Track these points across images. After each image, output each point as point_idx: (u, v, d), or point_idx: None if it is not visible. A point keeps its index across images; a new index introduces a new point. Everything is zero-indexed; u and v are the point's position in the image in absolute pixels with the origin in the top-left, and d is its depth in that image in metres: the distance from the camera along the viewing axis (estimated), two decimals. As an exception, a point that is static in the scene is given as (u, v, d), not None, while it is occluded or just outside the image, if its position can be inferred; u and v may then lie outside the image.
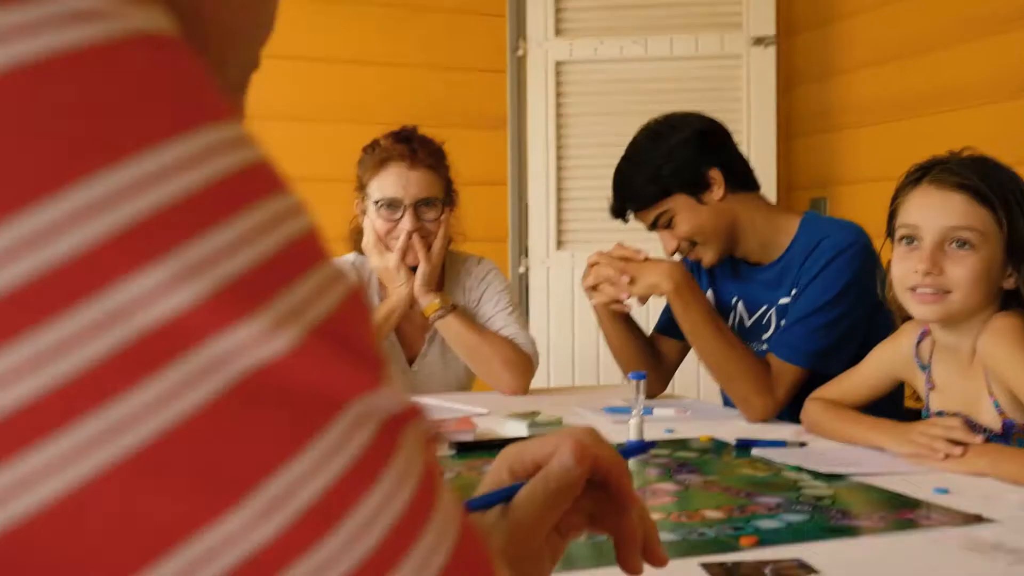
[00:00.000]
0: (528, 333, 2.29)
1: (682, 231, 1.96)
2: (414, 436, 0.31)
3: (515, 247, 3.78)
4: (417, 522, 0.29)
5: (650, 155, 1.97)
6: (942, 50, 3.28)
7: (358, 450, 0.28)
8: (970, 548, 1.03)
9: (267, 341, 0.27)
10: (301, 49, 3.59)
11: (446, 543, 0.30)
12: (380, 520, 0.28)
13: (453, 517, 0.32)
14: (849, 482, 1.34)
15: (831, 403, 1.67)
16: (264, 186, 0.29)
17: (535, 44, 3.71)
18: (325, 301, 0.29)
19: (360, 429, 0.28)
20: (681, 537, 1.08)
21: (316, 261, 0.30)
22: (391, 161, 2.17)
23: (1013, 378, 1.35)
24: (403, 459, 0.30)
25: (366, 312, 0.32)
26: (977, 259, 1.38)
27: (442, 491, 0.32)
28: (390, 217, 2.18)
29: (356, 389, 0.29)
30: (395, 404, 0.30)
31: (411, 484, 0.30)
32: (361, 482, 0.28)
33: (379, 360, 0.31)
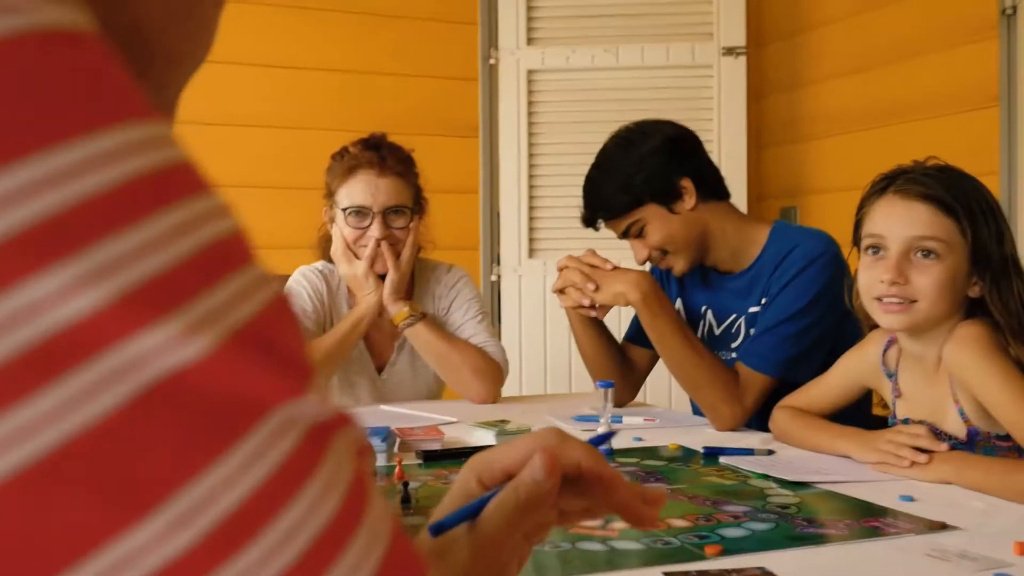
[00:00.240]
0: (498, 341, 2.29)
1: (654, 240, 1.96)
2: (343, 444, 0.30)
3: (487, 255, 3.78)
4: (344, 532, 0.29)
5: (621, 164, 1.96)
6: (910, 61, 3.31)
7: (281, 458, 0.27)
8: (935, 556, 1.03)
9: (180, 346, 0.26)
10: (272, 57, 3.57)
11: (375, 553, 0.30)
12: (304, 531, 0.27)
13: (383, 527, 0.31)
14: (815, 490, 1.34)
15: (799, 411, 1.68)
16: (182, 187, 0.28)
17: (507, 53, 3.71)
18: (247, 306, 0.28)
19: (283, 437, 0.28)
20: (646, 546, 1.08)
21: (238, 265, 0.29)
22: (360, 168, 2.16)
23: (978, 386, 1.36)
24: (330, 468, 0.29)
25: (293, 318, 0.31)
26: (942, 268, 1.39)
27: (373, 500, 0.31)
28: (358, 225, 2.17)
29: (279, 396, 0.28)
30: (322, 412, 0.30)
31: (338, 493, 0.29)
32: (284, 492, 0.27)
33: (305, 367, 0.30)
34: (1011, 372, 1.33)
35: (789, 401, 1.72)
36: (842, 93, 3.62)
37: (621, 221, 1.97)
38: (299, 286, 2.24)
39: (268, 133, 3.57)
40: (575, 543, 1.08)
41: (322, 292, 2.25)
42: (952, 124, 3.16)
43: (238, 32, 3.53)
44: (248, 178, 3.51)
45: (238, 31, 3.53)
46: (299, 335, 0.31)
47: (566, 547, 1.07)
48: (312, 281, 2.25)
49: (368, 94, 3.67)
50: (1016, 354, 1.35)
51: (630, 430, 1.84)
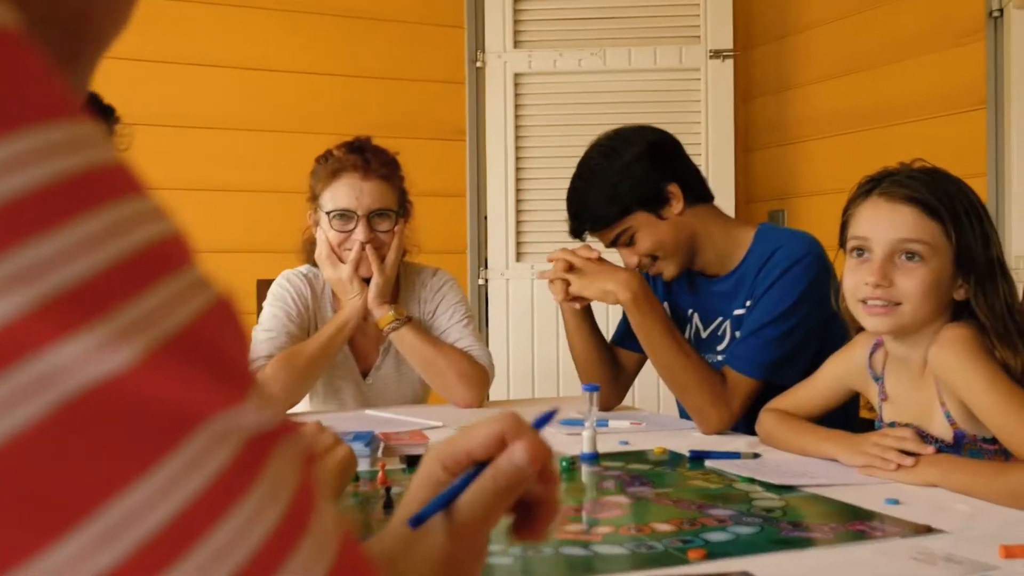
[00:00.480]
0: (484, 345, 2.27)
1: (643, 248, 1.95)
2: (286, 454, 0.29)
3: (474, 259, 3.77)
4: (287, 544, 0.28)
5: (605, 173, 1.95)
6: (898, 63, 3.32)
7: (217, 470, 0.26)
8: (920, 559, 1.02)
9: (104, 356, 0.25)
10: (258, 61, 3.56)
11: (322, 563, 0.29)
12: (243, 543, 0.26)
13: (331, 537, 0.30)
14: (801, 493, 1.34)
15: (785, 414, 1.67)
16: (110, 189, 0.27)
17: (494, 56, 3.71)
18: (181, 312, 0.27)
19: (219, 448, 0.27)
20: (630, 551, 1.06)
21: (172, 269, 0.28)
22: (344, 172, 2.15)
23: (963, 388, 1.35)
24: (271, 478, 0.28)
25: (235, 324, 0.30)
26: (927, 271, 1.39)
27: (319, 510, 0.30)
28: (343, 228, 2.15)
29: (215, 405, 0.27)
30: (262, 421, 0.29)
31: (280, 504, 0.28)
32: (220, 504, 0.26)
33: (245, 374, 0.29)
34: (996, 374, 1.32)
35: (775, 404, 1.71)
36: (830, 96, 3.62)
37: (609, 231, 1.96)
38: (283, 290, 2.22)
39: (255, 137, 3.56)
40: (558, 548, 1.07)
41: (306, 296, 2.23)
42: (940, 126, 3.16)
43: (223, 36, 3.52)
44: (234, 182, 3.50)
45: (223, 35, 3.52)
46: (241, 342, 0.30)
47: (549, 552, 1.06)
48: (296, 285, 2.24)
49: (355, 98, 3.66)
50: (1002, 356, 1.35)
51: (616, 433, 1.83)
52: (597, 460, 1.57)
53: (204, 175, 3.48)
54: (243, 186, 3.52)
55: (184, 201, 3.43)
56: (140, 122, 3.40)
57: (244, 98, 3.54)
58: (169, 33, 3.44)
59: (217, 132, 3.50)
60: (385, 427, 1.82)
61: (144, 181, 0.29)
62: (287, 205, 2.33)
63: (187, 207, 3.42)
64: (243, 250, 3.45)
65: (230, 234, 3.48)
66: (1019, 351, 1.35)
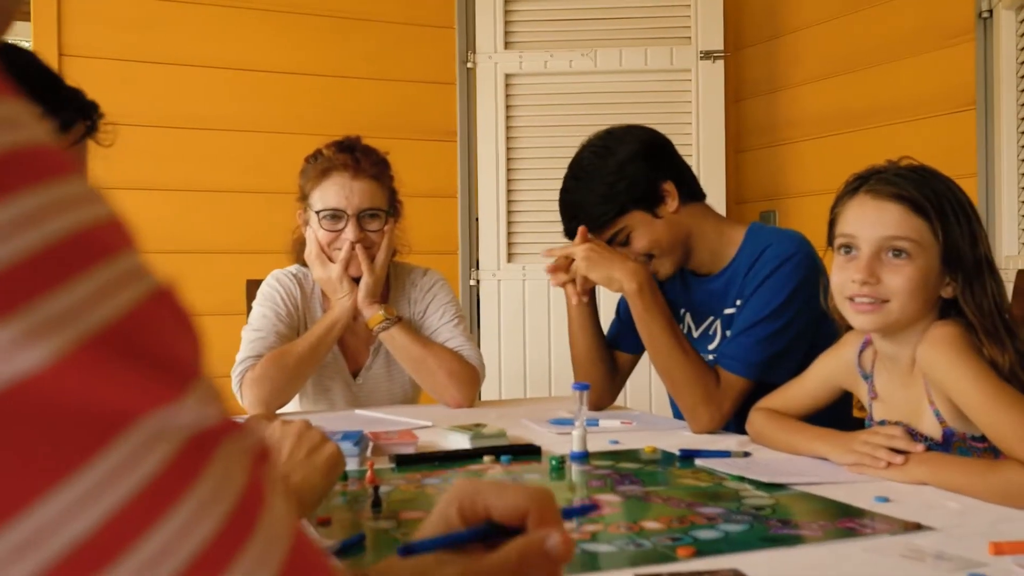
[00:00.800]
0: (474, 345, 2.26)
1: (640, 246, 1.94)
2: (233, 451, 0.28)
3: (465, 260, 3.76)
4: (234, 543, 0.27)
5: (600, 173, 1.93)
6: (888, 64, 3.32)
7: (152, 472, 0.25)
8: (909, 556, 1.02)
9: (16, 355, 0.23)
10: (248, 61, 3.55)
11: (273, 559, 0.28)
12: (185, 544, 0.26)
13: (282, 533, 0.29)
14: (791, 491, 1.33)
15: (775, 413, 1.67)
16: (26, 174, 0.25)
17: (484, 56, 3.70)
18: (111, 304, 0.26)
19: (155, 448, 0.26)
20: (618, 548, 1.06)
21: (102, 258, 0.26)
22: (334, 171, 2.14)
23: (952, 386, 1.35)
24: (214, 478, 0.27)
25: (175, 315, 0.28)
26: (913, 268, 1.39)
27: (269, 507, 0.29)
28: (333, 228, 2.15)
29: (148, 404, 0.26)
30: (204, 418, 0.27)
31: (226, 503, 0.27)
32: (156, 507, 0.25)
33: (185, 370, 0.28)
34: (985, 372, 1.32)
35: (766, 403, 1.71)
36: (820, 97, 3.62)
37: (605, 231, 1.95)
38: (272, 290, 2.22)
39: (245, 137, 3.55)
40: (546, 546, 1.07)
41: (296, 296, 2.23)
42: (930, 127, 3.17)
43: (214, 36, 3.51)
44: (224, 183, 3.49)
45: (213, 35, 3.51)
46: (182, 334, 0.28)
47: None
48: (285, 285, 2.23)
49: (346, 98, 3.66)
50: (989, 354, 1.35)
51: (606, 433, 1.83)
52: (587, 459, 1.57)
53: (195, 176, 3.47)
54: (233, 187, 3.52)
55: (174, 202, 3.42)
56: (130, 122, 3.39)
57: (234, 99, 3.53)
58: (159, 33, 3.44)
59: (208, 133, 3.49)
60: (374, 427, 1.82)
61: (71, 163, 0.27)
62: (277, 206, 2.32)
63: (177, 208, 3.42)
64: (233, 251, 3.44)
65: (220, 235, 3.47)
66: (1007, 348, 1.35)
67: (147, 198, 3.39)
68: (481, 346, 3.68)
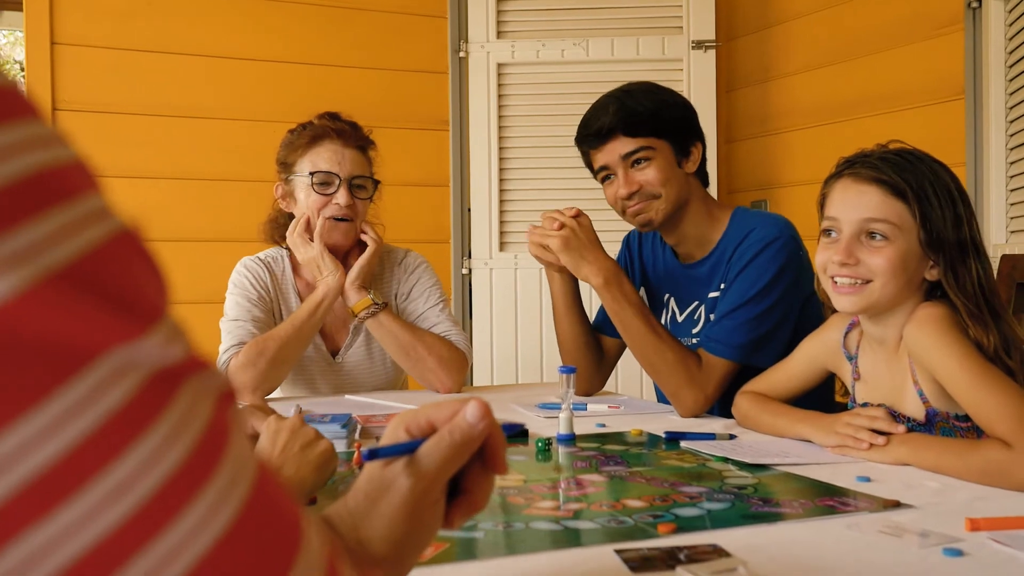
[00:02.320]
0: (460, 329, 2.27)
1: (652, 177, 1.93)
2: (197, 388, 0.29)
3: (458, 248, 3.77)
4: (198, 476, 0.28)
5: (657, 95, 1.97)
6: (878, 54, 3.33)
7: (115, 405, 0.26)
8: (887, 533, 1.04)
9: None
10: (241, 49, 3.55)
11: (237, 493, 0.29)
12: (145, 479, 0.26)
13: (246, 468, 0.30)
14: (774, 472, 1.35)
15: (760, 396, 1.68)
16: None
17: (477, 46, 3.71)
18: (75, 242, 0.26)
19: (118, 383, 0.26)
20: (600, 525, 1.07)
21: (67, 197, 0.27)
22: (326, 138, 2.16)
23: (937, 366, 1.37)
24: (177, 414, 0.28)
25: (140, 255, 0.29)
26: (892, 250, 1.40)
27: (233, 443, 0.30)
28: (324, 191, 2.16)
29: (112, 340, 0.26)
30: (169, 355, 0.28)
31: (188, 438, 0.28)
32: (118, 440, 0.26)
33: (150, 308, 0.28)
34: (970, 352, 1.34)
35: (751, 386, 1.72)
36: (811, 86, 3.63)
37: (636, 140, 1.93)
38: (241, 277, 2.22)
39: (237, 126, 3.55)
40: (528, 523, 1.08)
41: (266, 280, 2.23)
42: (919, 116, 3.18)
43: (206, 25, 3.51)
44: (215, 171, 3.49)
45: (206, 24, 3.51)
46: (149, 274, 0.29)
47: (520, 527, 1.07)
48: (253, 270, 2.23)
49: (339, 88, 3.66)
50: (975, 336, 1.36)
51: (594, 417, 1.84)
52: (574, 441, 1.58)
53: (185, 164, 3.47)
54: (224, 175, 3.52)
55: (164, 190, 3.43)
56: (121, 111, 3.39)
57: (226, 87, 3.53)
58: (150, 22, 3.44)
59: (199, 121, 3.50)
60: (363, 411, 1.83)
61: (36, 104, 0.27)
62: (267, 194, 2.33)
63: (167, 196, 3.42)
64: (223, 239, 3.44)
65: (211, 223, 3.48)
66: (991, 330, 1.36)
67: (138, 186, 3.40)
68: (473, 334, 3.69)
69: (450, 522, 0.73)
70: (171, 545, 0.27)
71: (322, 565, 0.34)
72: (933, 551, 0.96)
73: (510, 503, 1.19)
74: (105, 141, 3.37)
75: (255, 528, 0.29)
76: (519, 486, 1.28)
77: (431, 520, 0.71)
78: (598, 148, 1.96)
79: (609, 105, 1.95)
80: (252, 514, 0.29)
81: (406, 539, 0.69)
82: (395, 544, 0.69)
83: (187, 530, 0.27)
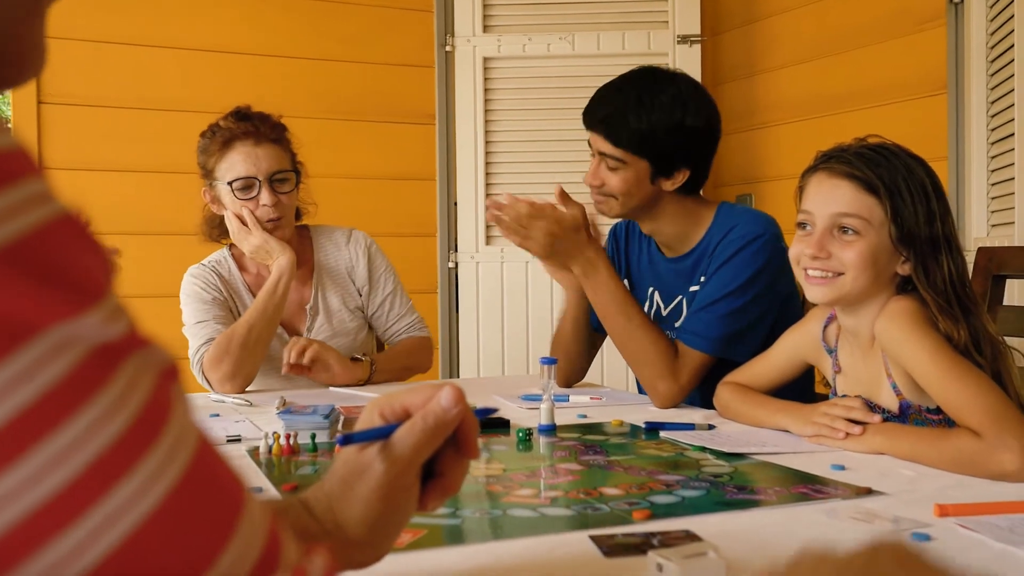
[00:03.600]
0: (419, 316, 2.40)
1: (615, 184, 1.90)
2: (139, 364, 0.30)
3: (444, 242, 3.78)
4: (132, 453, 0.29)
5: (671, 115, 1.87)
6: (862, 49, 3.35)
7: (53, 380, 0.27)
8: (858, 519, 1.05)
9: None
10: (225, 43, 3.55)
11: (176, 463, 0.30)
12: (81, 451, 0.27)
13: (187, 440, 0.31)
14: (751, 461, 1.36)
15: (741, 387, 1.70)
16: None
17: (463, 40, 3.72)
18: (14, 224, 0.27)
19: (57, 358, 0.27)
20: (576, 512, 1.09)
21: (3, 182, 0.28)
22: (236, 141, 2.17)
23: (908, 358, 1.38)
24: (119, 387, 0.29)
25: (81, 237, 0.30)
26: (863, 244, 1.42)
27: (174, 416, 0.31)
28: (247, 196, 2.18)
29: (51, 317, 0.27)
30: (110, 332, 0.29)
31: (128, 411, 0.29)
32: (55, 414, 0.27)
33: (91, 287, 0.29)
34: (940, 345, 1.36)
35: (733, 377, 1.74)
36: (796, 81, 3.65)
37: (614, 148, 1.89)
38: (191, 285, 2.25)
39: (223, 120, 3.54)
40: (506, 511, 1.09)
41: (216, 284, 2.26)
42: (902, 111, 3.21)
43: (190, 18, 3.51)
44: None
45: (189, 17, 3.51)
46: (90, 255, 0.30)
47: (497, 514, 1.08)
48: (202, 276, 2.26)
49: (324, 82, 3.66)
50: (945, 329, 1.38)
51: (575, 408, 1.85)
52: (554, 431, 1.60)
53: (169, 158, 3.47)
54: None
55: (146, 183, 3.42)
56: (103, 104, 3.39)
57: (210, 81, 3.53)
58: (133, 15, 3.43)
59: (182, 115, 3.49)
60: (346, 402, 1.84)
61: None
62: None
63: (149, 189, 3.42)
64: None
65: (192, 216, 3.46)
66: (960, 324, 1.38)
67: (120, 179, 3.40)
68: (459, 328, 3.71)
69: (424, 505, 0.75)
70: (109, 512, 0.28)
71: (263, 534, 0.36)
72: (901, 536, 0.98)
73: (489, 491, 1.20)
74: (85, 134, 3.37)
75: (194, 498, 0.31)
76: (499, 475, 1.29)
77: (405, 503, 0.72)
78: (588, 128, 1.95)
79: (610, 102, 1.91)
80: (191, 484, 0.31)
81: (381, 522, 0.71)
82: (370, 526, 0.71)
83: (125, 498, 0.28)
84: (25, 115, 3.28)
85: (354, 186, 3.63)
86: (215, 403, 1.96)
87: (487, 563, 0.91)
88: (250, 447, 1.47)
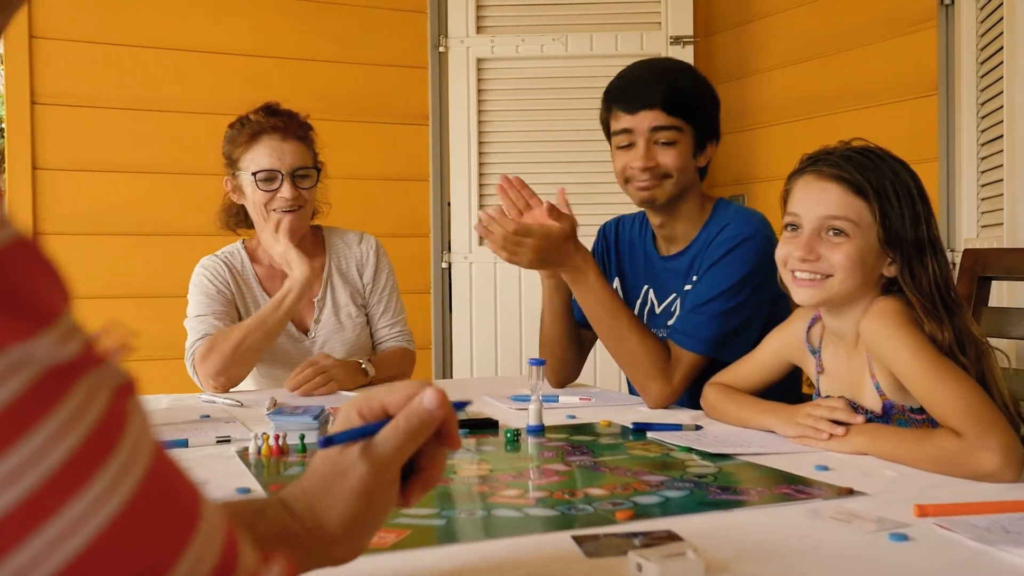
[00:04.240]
0: (406, 322, 2.45)
1: (673, 158, 1.95)
2: (93, 383, 0.31)
3: (437, 242, 3.79)
4: (85, 470, 0.30)
5: (701, 81, 2.03)
6: (854, 50, 3.37)
7: (7, 399, 0.28)
8: (838, 519, 1.07)
9: None
10: (219, 43, 3.56)
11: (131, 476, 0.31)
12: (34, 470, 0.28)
13: (141, 454, 0.32)
14: (735, 461, 1.38)
15: (727, 388, 1.71)
16: None
17: (456, 41, 3.73)
18: None
19: (11, 378, 0.28)
20: (560, 512, 1.10)
21: None
22: (264, 134, 2.23)
23: (891, 358, 1.40)
24: (72, 406, 0.30)
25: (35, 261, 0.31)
26: (851, 246, 1.43)
27: (128, 432, 0.32)
28: (269, 188, 2.23)
29: (5, 338, 0.28)
30: (64, 353, 0.30)
31: (82, 429, 0.30)
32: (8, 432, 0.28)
33: (45, 309, 0.30)
34: (924, 345, 1.37)
35: (719, 378, 1.75)
36: (788, 82, 3.67)
37: (671, 118, 1.94)
38: (200, 276, 2.29)
39: (215, 120, 3.53)
40: (491, 511, 1.10)
41: (225, 276, 2.29)
42: (894, 112, 3.22)
43: (184, 19, 3.51)
44: (194, 165, 3.49)
45: (184, 18, 3.52)
46: (44, 278, 0.31)
47: (481, 515, 1.09)
48: (211, 267, 2.30)
49: (318, 82, 3.67)
50: (930, 330, 1.39)
51: (565, 408, 1.86)
52: (543, 432, 1.61)
53: (164, 158, 3.48)
54: (203, 169, 3.51)
55: (142, 184, 3.43)
56: (99, 105, 3.40)
57: (204, 81, 3.53)
58: (128, 16, 3.44)
59: (178, 115, 3.50)
60: (336, 404, 1.85)
61: None
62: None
63: (145, 190, 3.42)
64: (201, 233, 3.43)
65: (189, 217, 3.48)
66: (945, 325, 1.39)
67: (114, 180, 3.40)
68: (452, 328, 3.72)
69: (408, 500, 0.76)
70: (64, 525, 0.29)
71: (220, 541, 0.36)
72: (880, 536, 0.99)
73: (475, 492, 1.21)
74: (81, 135, 3.38)
75: (149, 509, 0.32)
76: (486, 475, 1.31)
77: (386, 501, 0.74)
78: (632, 112, 1.95)
79: (660, 77, 1.97)
80: (147, 496, 0.32)
81: (361, 519, 0.72)
82: (350, 524, 0.72)
83: (81, 511, 0.29)
84: (19, 115, 3.28)
85: (348, 186, 3.63)
86: (205, 404, 1.97)
87: (470, 563, 0.92)
88: (240, 448, 1.49)
